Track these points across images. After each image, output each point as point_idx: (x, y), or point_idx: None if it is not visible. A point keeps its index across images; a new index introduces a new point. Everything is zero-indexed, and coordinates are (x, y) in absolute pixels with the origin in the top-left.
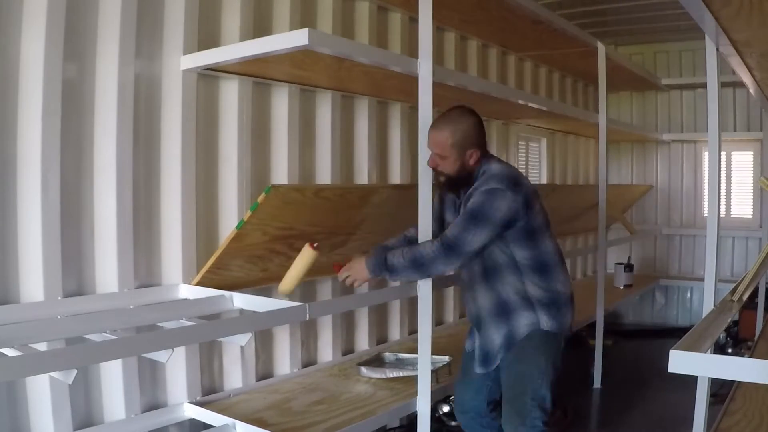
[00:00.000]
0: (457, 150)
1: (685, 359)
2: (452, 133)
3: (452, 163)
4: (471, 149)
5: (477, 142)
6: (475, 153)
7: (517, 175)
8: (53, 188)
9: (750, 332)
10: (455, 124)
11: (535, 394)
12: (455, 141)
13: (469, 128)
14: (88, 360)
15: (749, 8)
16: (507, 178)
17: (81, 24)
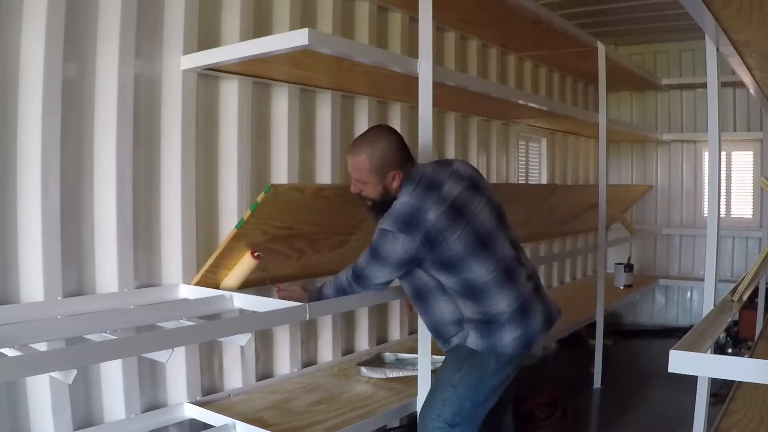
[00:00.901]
0: (377, 174)
1: (685, 359)
2: (369, 156)
3: (374, 187)
4: (392, 171)
5: (398, 162)
6: (398, 175)
7: (416, 210)
8: (53, 188)
9: (750, 332)
10: (371, 147)
11: (442, 406)
12: (372, 165)
13: (386, 150)
14: (88, 360)
15: (749, 8)
16: (402, 218)
17: (81, 24)
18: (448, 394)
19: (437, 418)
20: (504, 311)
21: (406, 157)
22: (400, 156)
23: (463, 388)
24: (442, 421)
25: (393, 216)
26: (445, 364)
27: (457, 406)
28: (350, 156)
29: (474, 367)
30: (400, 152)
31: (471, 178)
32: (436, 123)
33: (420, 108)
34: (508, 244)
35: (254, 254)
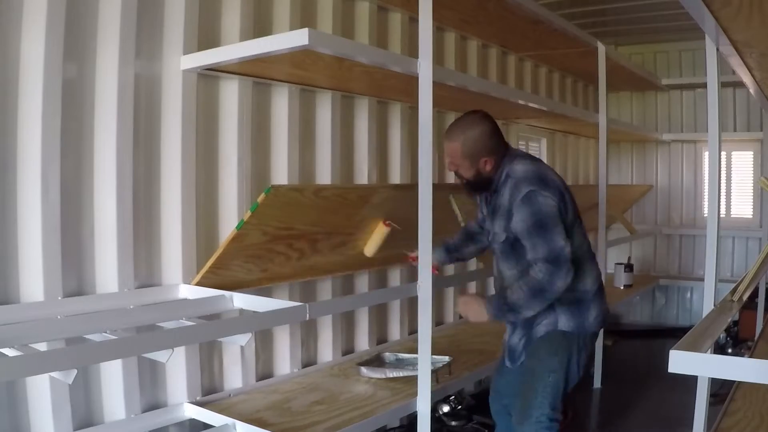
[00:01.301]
0: (470, 159)
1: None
2: (462, 143)
3: (467, 170)
4: (484, 158)
5: (490, 149)
6: (489, 161)
7: (542, 171)
8: (53, 188)
9: (750, 332)
10: (465, 133)
11: (544, 391)
12: (465, 151)
13: (479, 137)
14: (88, 360)
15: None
16: (535, 179)
17: (81, 24)
18: (549, 380)
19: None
20: (590, 289)
21: (498, 143)
22: (491, 143)
23: (561, 372)
24: (546, 417)
25: (526, 179)
26: (538, 354)
27: (555, 390)
28: (446, 141)
29: (568, 349)
30: (493, 139)
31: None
32: (436, 123)
33: (420, 108)
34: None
35: (386, 222)
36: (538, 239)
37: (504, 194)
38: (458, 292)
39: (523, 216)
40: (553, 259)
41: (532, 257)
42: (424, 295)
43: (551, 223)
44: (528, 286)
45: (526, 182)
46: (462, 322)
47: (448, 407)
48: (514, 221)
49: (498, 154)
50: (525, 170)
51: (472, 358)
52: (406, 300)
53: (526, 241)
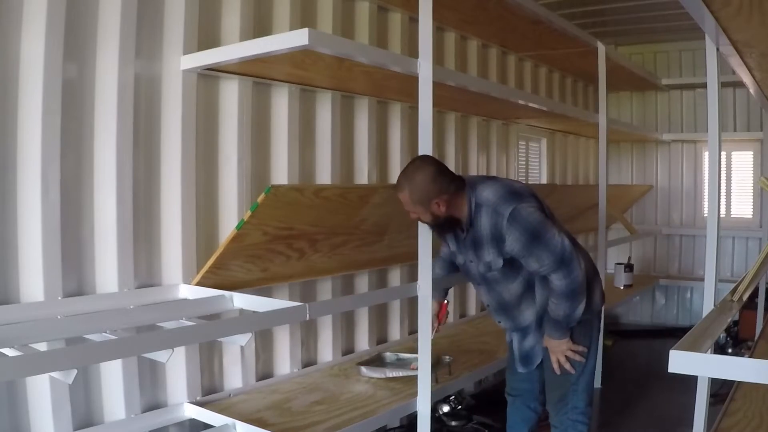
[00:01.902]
0: (421, 205)
1: (685, 359)
2: (410, 192)
3: (424, 215)
4: (434, 200)
5: (437, 191)
6: (440, 202)
7: (509, 186)
8: (53, 188)
9: (750, 332)
10: (409, 182)
11: (580, 378)
12: (414, 198)
13: (422, 182)
14: (88, 360)
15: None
16: (508, 195)
17: (81, 24)
18: (580, 369)
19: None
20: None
21: (445, 183)
22: (437, 185)
23: (592, 359)
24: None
25: (500, 200)
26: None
27: (588, 377)
28: (397, 191)
29: (589, 334)
30: (438, 181)
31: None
32: (436, 123)
33: (420, 108)
34: None
35: None
36: (539, 250)
37: (482, 223)
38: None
39: (517, 235)
40: (560, 259)
41: (542, 270)
42: (424, 295)
43: (543, 229)
44: (562, 297)
45: (503, 202)
46: (462, 322)
47: (448, 407)
48: (508, 243)
49: (448, 193)
50: (494, 192)
51: (472, 358)
52: (406, 300)
53: (528, 257)
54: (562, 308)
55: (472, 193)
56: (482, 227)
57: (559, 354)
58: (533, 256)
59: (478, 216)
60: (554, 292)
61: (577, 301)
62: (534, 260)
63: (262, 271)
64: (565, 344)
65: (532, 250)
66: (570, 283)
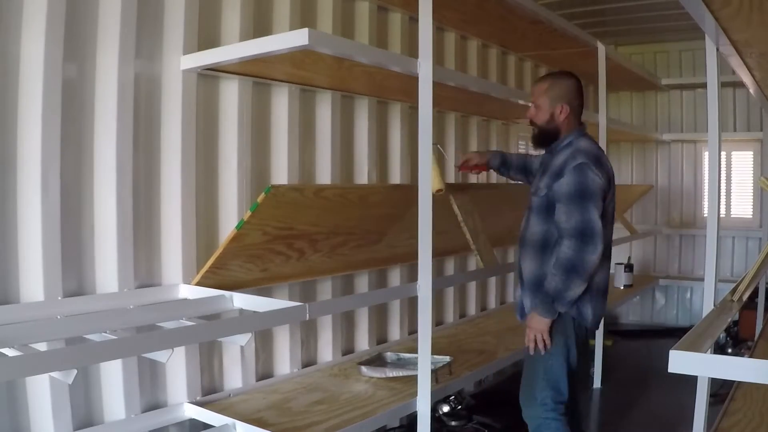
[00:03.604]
0: (549, 100)
1: (685, 359)
2: (550, 85)
3: (544, 113)
4: (562, 104)
5: (570, 101)
6: (565, 109)
7: (602, 155)
8: (53, 188)
9: (750, 332)
10: (556, 79)
11: (546, 374)
12: (549, 91)
13: (566, 86)
14: (88, 360)
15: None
16: (594, 156)
17: (81, 24)
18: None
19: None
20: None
21: (578, 107)
22: (574, 98)
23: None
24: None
25: (584, 152)
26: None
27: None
28: (536, 83)
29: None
30: (576, 96)
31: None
32: (436, 123)
33: (420, 108)
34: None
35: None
36: (574, 207)
37: (560, 157)
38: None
39: (569, 180)
40: (582, 231)
41: (564, 226)
42: (424, 295)
43: (592, 198)
44: (560, 268)
45: (584, 155)
46: (462, 322)
47: (448, 407)
48: (559, 182)
49: (574, 112)
50: (588, 147)
51: (472, 358)
52: (406, 300)
53: (563, 207)
54: (554, 281)
55: (578, 136)
56: (558, 159)
57: (534, 332)
58: (567, 208)
59: (563, 151)
60: (557, 261)
61: (572, 281)
62: (564, 212)
63: (262, 271)
64: (543, 325)
65: (570, 203)
66: (575, 258)
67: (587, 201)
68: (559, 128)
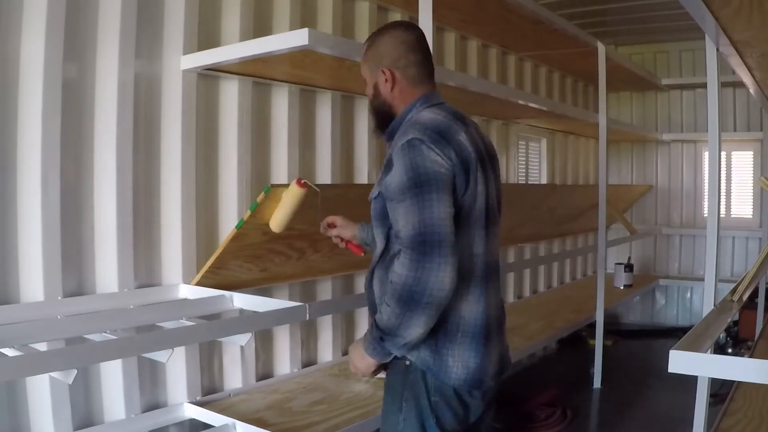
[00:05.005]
0: (369, 69)
1: (685, 359)
2: (368, 47)
3: (369, 87)
4: (381, 68)
5: (394, 61)
6: (389, 75)
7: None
8: (53, 188)
9: (750, 332)
10: (374, 38)
11: None
12: (367, 56)
13: (385, 42)
14: (88, 360)
15: (749, 8)
16: (433, 128)
17: (81, 24)
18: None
19: None
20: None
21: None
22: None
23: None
24: None
25: (419, 125)
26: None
27: None
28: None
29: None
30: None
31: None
32: None
33: None
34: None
35: (300, 182)
36: (407, 204)
37: (395, 142)
38: None
39: (397, 167)
40: (420, 237)
41: (398, 235)
42: None
43: (432, 187)
44: (392, 296)
45: (418, 129)
46: None
47: None
48: (389, 175)
49: (406, 78)
50: (429, 118)
51: None
52: None
53: (394, 206)
54: (386, 313)
55: (421, 104)
56: (393, 145)
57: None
58: (397, 207)
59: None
60: (391, 283)
61: (408, 314)
62: (396, 214)
63: (262, 271)
64: (365, 365)
65: (400, 199)
66: (411, 280)
67: (424, 192)
68: (388, 103)
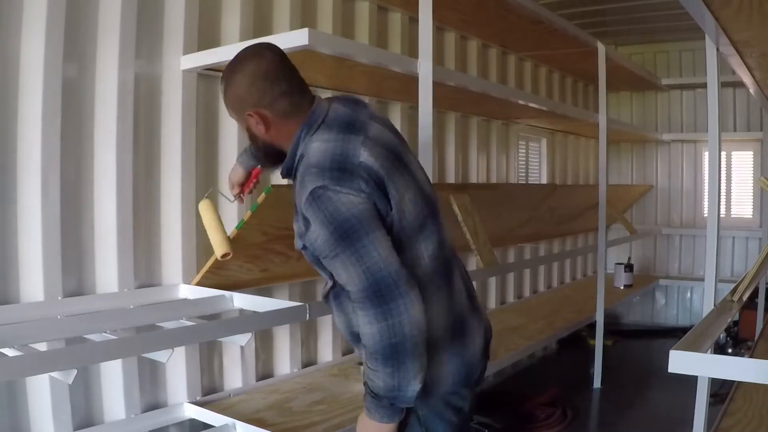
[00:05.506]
0: (236, 113)
1: (685, 359)
2: (224, 92)
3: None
4: (250, 109)
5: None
6: (258, 119)
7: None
8: (53, 188)
9: (750, 332)
10: (227, 79)
11: None
12: (228, 101)
13: (243, 81)
14: (88, 360)
15: (749, 8)
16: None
17: (81, 24)
18: None
19: None
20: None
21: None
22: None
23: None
24: None
25: (312, 168)
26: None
27: None
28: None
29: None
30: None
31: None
32: (436, 123)
33: (420, 108)
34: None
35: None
36: (345, 258)
37: (296, 186)
38: None
39: (314, 225)
40: (373, 288)
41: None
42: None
43: (357, 233)
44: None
45: (314, 174)
46: None
47: None
48: (309, 234)
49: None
50: (319, 151)
51: None
52: None
53: (330, 264)
54: (378, 379)
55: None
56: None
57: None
58: (333, 265)
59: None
60: (366, 350)
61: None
62: (338, 269)
63: (262, 271)
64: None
65: (332, 257)
66: (387, 333)
67: (353, 241)
68: (269, 143)
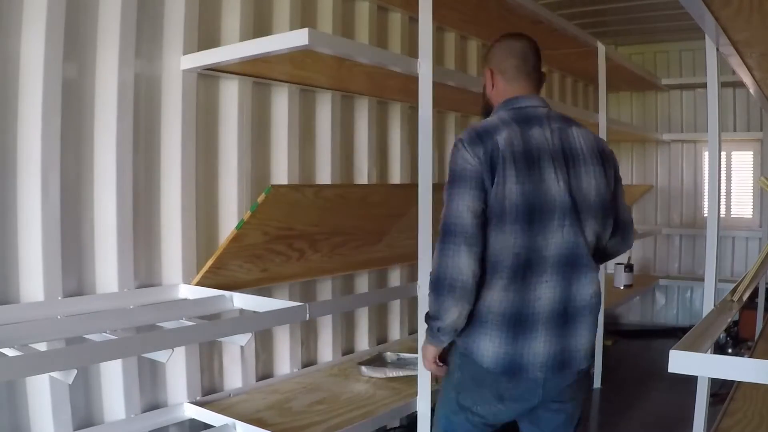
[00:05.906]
0: (485, 66)
1: (685, 359)
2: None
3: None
4: (487, 67)
5: (498, 62)
6: (491, 76)
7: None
8: (53, 188)
9: (750, 332)
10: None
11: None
12: (486, 55)
13: (497, 46)
14: (88, 360)
15: (749, 8)
16: (475, 130)
17: (81, 24)
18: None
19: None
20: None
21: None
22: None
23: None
24: None
25: (469, 129)
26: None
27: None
28: None
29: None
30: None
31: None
32: (436, 123)
33: (420, 108)
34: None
35: None
36: (444, 199)
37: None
38: None
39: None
40: (444, 229)
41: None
42: (424, 295)
43: (455, 184)
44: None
45: (467, 131)
46: None
47: None
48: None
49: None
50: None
51: None
52: (406, 300)
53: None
54: (430, 300)
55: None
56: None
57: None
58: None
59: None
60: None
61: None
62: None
63: (262, 271)
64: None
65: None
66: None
67: (453, 188)
68: (489, 101)
